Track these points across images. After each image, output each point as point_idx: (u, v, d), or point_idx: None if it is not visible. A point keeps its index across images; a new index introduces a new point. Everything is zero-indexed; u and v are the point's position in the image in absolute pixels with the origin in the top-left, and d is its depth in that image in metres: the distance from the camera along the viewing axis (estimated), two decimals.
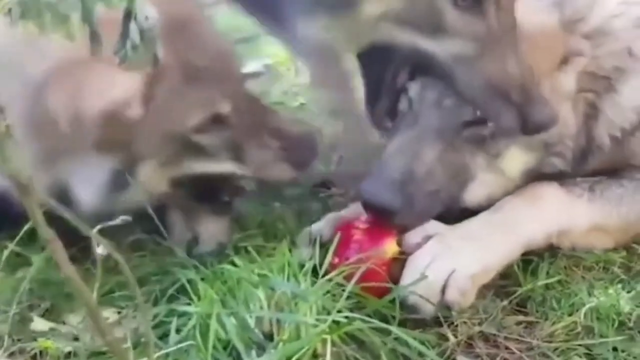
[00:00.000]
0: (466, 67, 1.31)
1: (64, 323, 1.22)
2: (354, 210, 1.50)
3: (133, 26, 0.78)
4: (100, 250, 0.90)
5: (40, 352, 1.12)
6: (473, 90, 1.32)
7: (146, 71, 1.20)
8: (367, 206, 1.33)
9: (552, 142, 1.40)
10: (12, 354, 1.12)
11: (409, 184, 1.31)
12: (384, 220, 1.32)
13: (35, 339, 1.16)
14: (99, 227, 0.94)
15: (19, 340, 1.16)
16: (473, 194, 1.40)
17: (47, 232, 0.83)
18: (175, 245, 1.33)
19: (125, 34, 0.79)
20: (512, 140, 1.37)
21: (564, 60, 1.40)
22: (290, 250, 1.26)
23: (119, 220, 0.94)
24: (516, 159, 1.39)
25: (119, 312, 1.25)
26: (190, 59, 1.32)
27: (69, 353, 1.12)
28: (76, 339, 1.16)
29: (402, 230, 1.35)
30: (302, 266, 1.21)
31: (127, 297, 1.26)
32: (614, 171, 1.51)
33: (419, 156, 1.33)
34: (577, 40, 1.42)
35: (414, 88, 1.42)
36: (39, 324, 1.20)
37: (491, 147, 1.37)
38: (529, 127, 1.31)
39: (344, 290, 1.17)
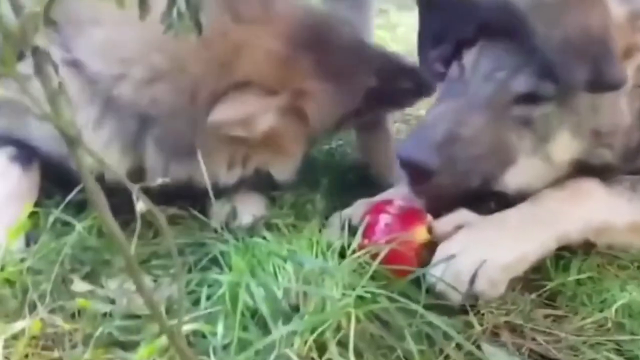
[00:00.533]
0: (547, 16, 1.27)
1: (102, 287, 1.26)
2: (387, 195, 1.53)
3: None
4: (139, 206, 0.94)
5: (79, 312, 1.17)
6: (551, 42, 1.27)
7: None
8: (404, 164, 1.32)
9: (604, 131, 1.38)
10: (52, 311, 1.17)
11: (450, 147, 1.30)
12: (420, 180, 1.32)
13: (74, 299, 1.20)
14: (140, 185, 1.00)
15: (59, 298, 1.21)
16: (515, 177, 1.38)
17: (92, 184, 0.87)
18: (212, 218, 1.37)
19: (172, 2, 0.83)
20: (563, 125, 1.36)
21: (627, 54, 1.37)
22: (320, 230, 1.28)
23: (160, 181, 0.99)
24: (565, 144, 1.37)
25: (154, 280, 1.29)
26: (331, 63, 1.46)
27: (105, 314, 1.16)
28: (112, 301, 1.21)
29: (435, 215, 1.37)
30: (330, 245, 1.23)
31: (162, 267, 1.31)
32: None
33: (463, 122, 1.32)
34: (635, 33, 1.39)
35: (468, 56, 1.42)
36: (79, 285, 1.25)
37: (540, 128, 1.36)
38: (600, 84, 1.27)
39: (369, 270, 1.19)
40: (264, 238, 1.24)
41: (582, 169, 1.42)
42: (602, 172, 1.43)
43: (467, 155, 1.32)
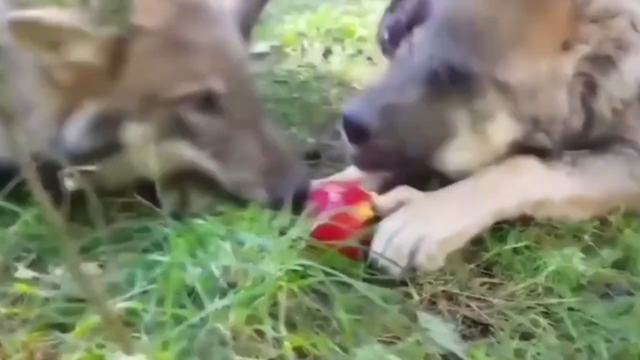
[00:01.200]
0: None
1: (47, 274, 1.29)
2: (338, 177, 1.57)
3: None
4: (68, 184, 0.98)
5: (22, 297, 1.20)
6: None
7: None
8: (346, 122, 1.40)
9: (543, 119, 1.43)
10: None
11: (389, 113, 1.37)
12: (359, 139, 1.39)
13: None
14: (73, 168, 1.03)
15: (2, 285, 1.23)
16: (454, 155, 1.43)
17: (31, 172, 0.89)
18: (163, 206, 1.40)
19: None
20: (502, 109, 1.40)
21: (567, 46, 1.43)
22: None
23: (92, 167, 1.03)
24: (504, 127, 1.42)
25: (101, 266, 1.32)
26: (182, 29, 1.35)
27: (48, 299, 1.19)
28: (57, 287, 1.23)
29: (380, 190, 1.42)
30: (270, 225, 1.26)
31: (110, 252, 1.34)
32: (602, 143, 1.53)
33: (404, 93, 1.39)
34: (584, 27, 1.43)
35: (417, 35, 1.48)
36: (23, 272, 1.26)
37: (480, 109, 1.40)
38: None
39: (311, 247, 1.23)
40: (206, 220, 1.27)
41: (520, 150, 1.46)
42: (538, 154, 1.46)
43: (405, 122, 1.38)
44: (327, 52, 2.87)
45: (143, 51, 1.33)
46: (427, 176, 1.52)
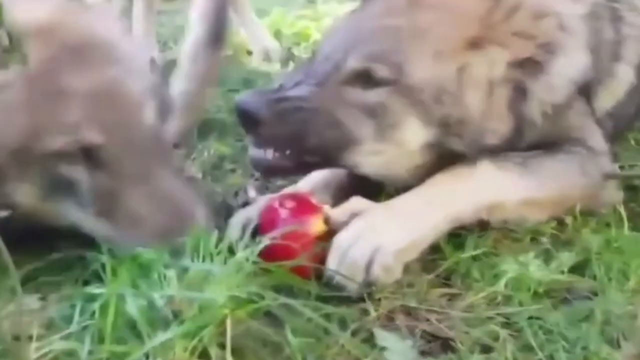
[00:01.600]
0: None
1: None
2: (288, 190, 1.52)
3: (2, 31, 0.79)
4: None
5: None
6: None
7: None
8: (238, 111, 1.40)
9: (450, 122, 1.40)
10: None
11: (279, 105, 1.37)
12: (249, 127, 1.40)
13: None
14: None
15: None
16: (367, 160, 1.42)
17: None
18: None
19: None
20: (409, 114, 1.38)
21: (475, 45, 1.40)
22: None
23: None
24: (415, 132, 1.40)
25: (42, 298, 1.25)
26: (54, 74, 1.22)
27: None
28: None
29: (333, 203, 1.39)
30: (217, 247, 1.21)
31: (53, 283, 1.27)
32: (549, 143, 1.51)
33: (297, 89, 1.39)
34: (501, 29, 1.41)
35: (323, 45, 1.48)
36: None
37: (384, 116, 1.38)
38: None
39: (261, 269, 1.18)
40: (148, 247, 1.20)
41: (447, 155, 1.43)
42: (460, 158, 1.43)
43: (295, 115, 1.37)
44: (283, 57, 2.83)
45: (6, 102, 1.21)
46: (379, 185, 1.49)
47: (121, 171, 1.24)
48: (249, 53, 2.85)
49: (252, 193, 1.70)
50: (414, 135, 1.40)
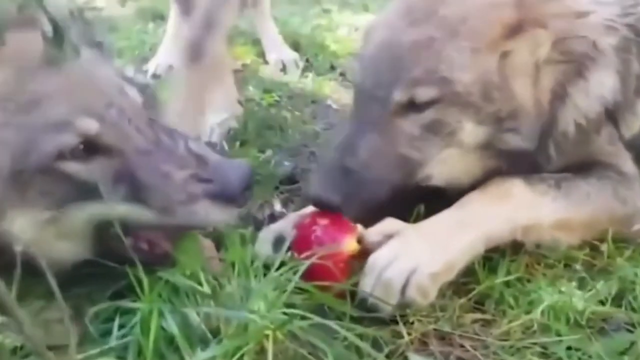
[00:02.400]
0: None
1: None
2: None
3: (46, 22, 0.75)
4: (18, 246, 0.90)
5: None
6: None
7: None
8: (313, 203, 1.38)
9: (502, 116, 1.38)
10: None
11: (347, 180, 1.34)
12: (331, 212, 1.35)
13: None
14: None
15: None
16: (438, 171, 1.41)
17: None
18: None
19: None
20: (463, 119, 1.36)
21: (516, 30, 1.38)
22: (244, 246, 1.24)
23: None
24: (469, 132, 1.38)
25: (75, 310, 1.23)
26: (25, 86, 1.14)
27: (17, 347, 1.10)
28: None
29: (367, 224, 1.36)
30: (253, 263, 1.19)
31: (81, 295, 1.25)
32: (581, 168, 1.50)
33: (355, 151, 1.35)
34: (536, 12, 1.39)
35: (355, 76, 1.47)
36: None
37: (443, 128, 1.37)
38: None
39: (295, 287, 1.16)
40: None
41: (500, 158, 1.42)
42: (518, 159, 1.42)
43: (364, 186, 1.35)
44: (299, 68, 2.81)
45: None
46: (411, 203, 1.48)
47: (128, 151, 1.16)
48: (267, 63, 2.83)
49: (277, 206, 1.69)
50: (470, 136, 1.39)
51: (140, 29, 3.27)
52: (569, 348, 1.16)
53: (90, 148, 1.15)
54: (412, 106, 1.37)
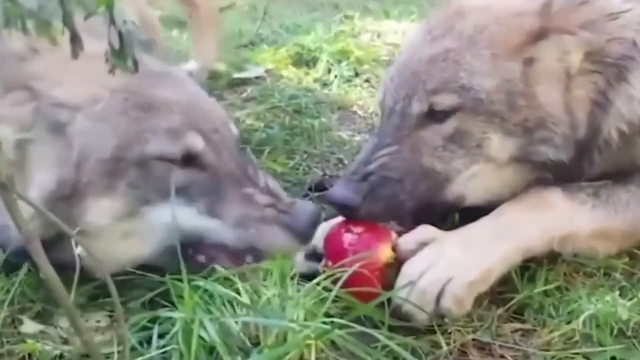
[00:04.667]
0: None
1: (54, 326, 1.20)
2: None
3: (112, 30, 0.77)
4: (79, 250, 0.90)
5: (29, 355, 1.11)
6: None
7: None
8: (333, 205, 1.40)
9: (530, 126, 1.35)
10: (0, 356, 1.11)
11: (367, 181, 1.34)
12: (350, 215, 1.35)
13: (24, 341, 1.14)
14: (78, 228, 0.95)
15: (7, 342, 1.14)
16: (468, 188, 1.39)
17: (25, 226, 0.84)
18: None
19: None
20: (489, 129, 1.35)
21: (539, 36, 1.36)
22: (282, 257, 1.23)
23: None
24: (499, 144, 1.36)
25: (110, 316, 1.23)
26: (148, 89, 1.25)
27: (57, 355, 1.11)
28: (65, 342, 1.15)
29: (400, 233, 1.34)
30: (287, 272, 1.18)
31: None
32: (621, 174, 1.47)
33: (376, 160, 1.36)
34: (562, 20, 1.37)
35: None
36: (29, 326, 1.19)
37: (467, 139, 1.36)
38: None
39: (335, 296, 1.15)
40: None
41: (540, 170, 1.39)
42: (557, 172, 1.39)
43: (384, 189, 1.35)
44: (325, 75, 2.81)
45: (99, 114, 1.20)
46: (445, 212, 1.46)
47: (222, 171, 1.25)
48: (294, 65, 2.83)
49: None
50: (499, 149, 1.36)
51: (165, 36, 3.28)
52: (613, 358, 1.13)
53: (189, 161, 1.23)
54: (433, 116, 1.36)
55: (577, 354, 1.16)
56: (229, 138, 1.31)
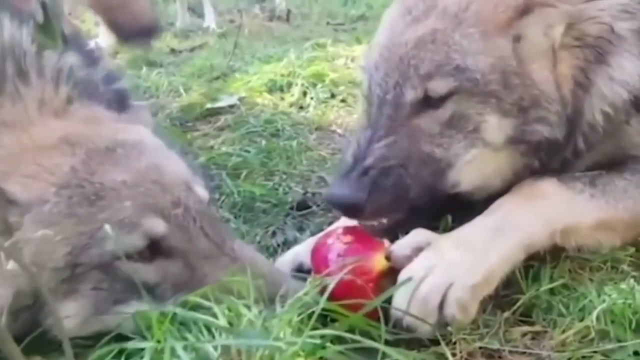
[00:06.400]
0: None
1: None
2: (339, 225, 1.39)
3: (35, 4, 0.67)
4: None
5: None
6: None
7: None
8: (336, 206, 1.32)
9: (525, 105, 1.29)
10: None
11: (368, 180, 1.25)
12: (356, 215, 1.28)
13: None
14: None
15: None
16: (465, 174, 1.31)
17: None
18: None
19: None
20: (486, 111, 1.28)
21: (524, 11, 1.30)
22: None
23: None
24: (494, 126, 1.29)
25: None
26: (94, 177, 1.11)
27: None
28: None
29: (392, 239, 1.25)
30: None
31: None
32: (613, 164, 1.40)
33: (371, 152, 1.27)
34: None
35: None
36: None
37: (464, 123, 1.29)
38: None
39: (323, 309, 1.04)
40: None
41: (530, 155, 1.33)
42: (548, 154, 1.33)
43: (386, 180, 1.26)
44: (301, 99, 2.75)
45: (45, 218, 1.07)
46: (437, 213, 1.37)
47: (191, 255, 1.11)
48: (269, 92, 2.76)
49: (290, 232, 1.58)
50: (495, 131, 1.29)
51: (134, 73, 3.21)
52: (635, 353, 1.02)
53: (154, 249, 1.09)
54: (428, 103, 1.29)
55: (595, 352, 1.06)
56: (194, 207, 1.14)
